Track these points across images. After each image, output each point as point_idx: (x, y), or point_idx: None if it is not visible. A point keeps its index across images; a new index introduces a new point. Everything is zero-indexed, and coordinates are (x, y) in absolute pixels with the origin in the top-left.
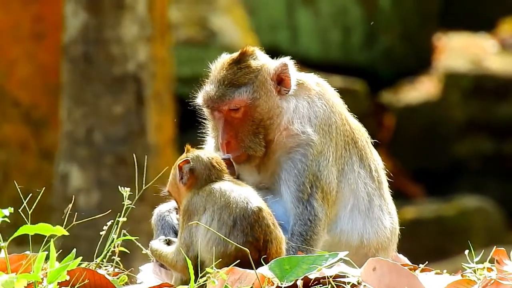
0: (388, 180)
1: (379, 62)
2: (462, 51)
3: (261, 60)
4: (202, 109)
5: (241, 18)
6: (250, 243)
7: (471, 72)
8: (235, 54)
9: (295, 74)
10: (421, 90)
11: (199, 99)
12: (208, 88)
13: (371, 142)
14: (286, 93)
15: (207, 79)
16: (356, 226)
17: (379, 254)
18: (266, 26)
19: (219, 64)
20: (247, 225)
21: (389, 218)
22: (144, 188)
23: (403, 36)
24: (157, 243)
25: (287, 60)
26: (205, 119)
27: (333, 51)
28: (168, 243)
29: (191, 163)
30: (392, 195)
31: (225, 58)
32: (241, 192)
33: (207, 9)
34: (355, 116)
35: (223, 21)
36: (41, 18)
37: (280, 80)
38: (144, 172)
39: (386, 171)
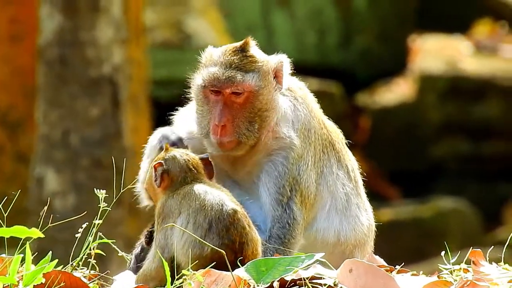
0: (363, 181)
1: (355, 64)
2: (437, 52)
3: (260, 52)
4: (195, 92)
5: (216, 20)
6: (226, 246)
7: (446, 74)
8: (236, 43)
9: (288, 73)
10: (397, 91)
11: (199, 80)
12: (212, 70)
13: (346, 143)
14: (279, 90)
15: (201, 64)
16: (333, 224)
17: (356, 251)
18: (242, 28)
19: (218, 51)
20: (223, 228)
21: (365, 214)
22: (121, 191)
23: (379, 37)
24: (138, 272)
25: (283, 57)
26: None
27: (308, 53)
28: (151, 233)
29: (166, 165)
30: (368, 197)
31: (224, 46)
32: (216, 195)
33: (182, 12)
34: (331, 118)
35: (198, 24)
36: (17, 20)
37: (275, 76)
38: (123, 175)
39: (361, 171)
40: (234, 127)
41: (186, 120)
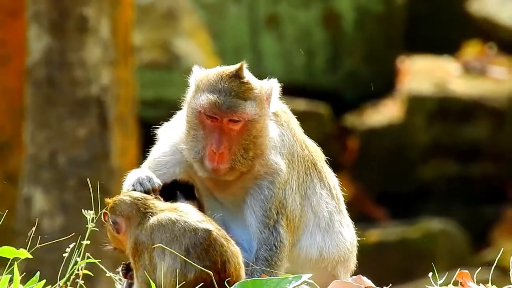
0: (351, 203)
1: (343, 85)
2: (426, 74)
3: (253, 77)
4: (189, 116)
5: (204, 41)
6: (208, 268)
7: (435, 95)
8: (230, 68)
9: (276, 97)
10: (385, 113)
11: (198, 105)
12: (211, 96)
13: (325, 160)
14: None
15: (194, 88)
16: (315, 241)
17: (339, 267)
18: (230, 49)
19: (212, 75)
20: (201, 251)
21: (348, 230)
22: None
23: (367, 59)
24: None
25: (274, 82)
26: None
27: (297, 74)
28: (127, 268)
29: (115, 210)
30: (356, 218)
31: (218, 70)
32: (184, 221)
33: (170, 33)
34: (319, 139)
35: (186, 45)
36: (4, 41)
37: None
38: (96, 196)
39: (341, 187)
40: (231, 154)
41: (171, 136)
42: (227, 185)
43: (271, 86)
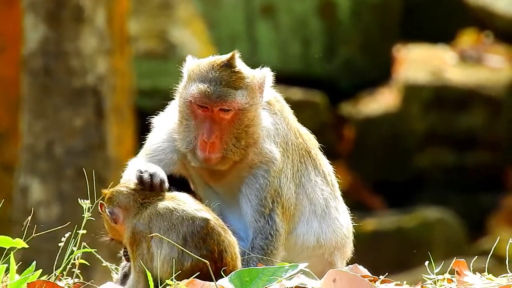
0: (348, 192)
1: (339, 74)
2: (422, 62)
3: (245, 66)
4: (181, 107)
5: (200, 30)
6: (205, 256)
7: (431, 84)
8: (223, 57)
9: (269, 86)
10: (381, 102)
11: (187, 96)
12: (202, 86)
13: (319, 148)
14: (262, 104)
15: (187, 77)
16: (312, 228)
17: (336, 254)
18: (226, 38)
19: (205, 65)
20: (199, 240)
21: (344, 216)
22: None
23: (363, 48)
24: None
25: (267, 70)
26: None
27: (293, 63)
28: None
29: (112, 201)
30: (352, 207)
31: (210, 60)
32: (182, 210)
33: (166, 22)
34: (315, 127)
35: (182, 34)
36: (1, 31)
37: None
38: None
39: (336, 173)
40: (222, 143)
41: (166, 125)
42: (222, 175)
43: (264, 75)
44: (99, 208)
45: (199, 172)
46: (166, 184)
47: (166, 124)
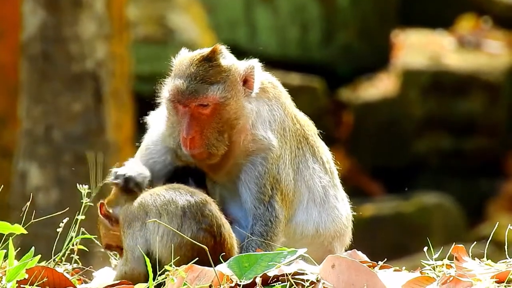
0: (346, 177)
1: (337, 59)
2: (420, 48)
3: (229, 59)
4: (164, 103)
5: (199, 15)
6: (204, 230)
7: (429, 69)
8: (205, 52)
9: (260, 77)
10: (380, 87)
11: (166, 92)
12: (177, 82)
13: (319, 134)
14: (249, 95)
15: (171, 73)
16: (311, 216)
17: (335, 242)
18: (225, 23)
19: (186, 60)
20: (197, 211)
21: (343, 205)
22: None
23: (361, 33)
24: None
25: (255, 62)
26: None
27: (291, 49)
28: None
29: (111, 203)
30: (351, 193)
31: (192, 54)
32: (178, 186)
33: (165, 7)
34: (314, 113)
35: (181, 19)
36: None
37: (245, 81)
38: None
39: (335, 161)
40: (203, 138)
41: (158, 124)
42: (220, 165)
43: (250, 66)
44: (98, 212)
45: (198, 164)
46: (144, 185)
47: (158, 123)
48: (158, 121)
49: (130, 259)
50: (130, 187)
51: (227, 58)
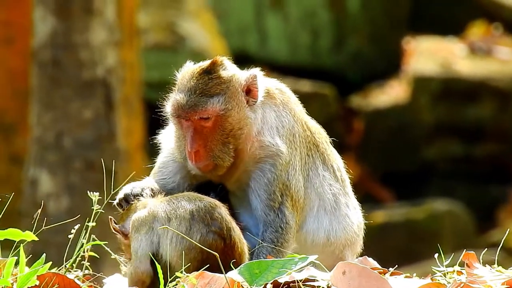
0: (357, 184)
1: (348, 65)
2: (431, 54)
3: (230, 70)
4: (168, 117)
5: (209, 22)
6: (213, 233)
7: (440, 76)
8: (205, 64)
9: (263, 85)
10: (390, 93)
11: (168, 107)
12: (178, 97)
13: (330, 142)
14: (254, 104)
15: (174, 87)
16: (322, 225)
17: (346, 251)
18: (235, 30)
19: (187, 74)
20: (206, 214)
21: (355, 213)
22: (113, 192)
23: (371, 39)
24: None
25: (256, 71)
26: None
27: (301, 55)
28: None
29: (123, 218)
30: (361, 199)
31: (193, 68)
32: (187, 194)
33: (175, 14)
34: (324, 120)
35: (191, 26)
36: (9, 23)
37: (248, 91)
38: (113, 177)
39: (347, 169)
40: (207, 151)
41: (168, 142)
42: (230, 173)
43: (251, 76)
44: (112, 229)
45: (207, 176)
46: (146, 193)
47: (168, 143)
48: (168, 139)
49: (134, 259)
50: (129, 202)
51: (227, 69)
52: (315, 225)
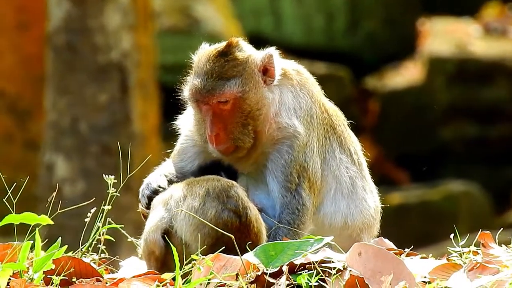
0: (373, 165)
1: (363, 47)
2: (446, 35)
3: (246, 51)
4: (187, 102)
5: (224, 5)
6: (229, 210)
7: (455, 57)
8: (220, 46)
9: (280, 64)
10: (405, 75)
11: (186, 92)
12: (195, 81)
13: (348, 125)
14: (271, 83)
15: (191, 71)
16: (339, 208)
17: (363, 234)
18: (250, 13)
19: (203, 57)
20: (222, 191)
21: (372, 197)
22: (128, 176)
23: (386, 21)
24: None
25: (272, 50)
26: (185, 106)
27: (316, 37)
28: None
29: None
30: (377, 181)
31: (209, 50)
32: (206, 176)
33: None
34: (340, 102)
35: (206, 9)
36: (24, 8)
37: (265, 71)
38: (129, 161)
39: (364, 152)
40: (228, 133)
41: (187, 126)
42: (247, 156)
43: (267, 55)
44: (140, 212)
45: (226, 159)
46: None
47: (186, 127)
48: (186, 124)
49: (144, 230)
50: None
51: (243, 50)
52: (332, 208)
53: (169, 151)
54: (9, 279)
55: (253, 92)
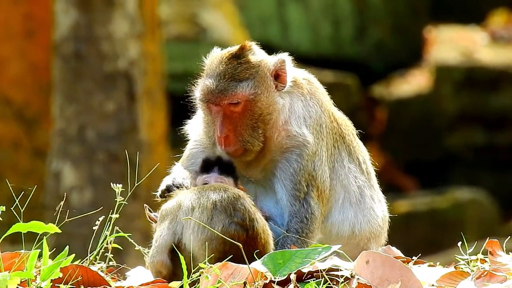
0: (380, 173)
1: (370, 55)
2: (453, 43)
3: (259, 55)
4: (197, 103)
5: (231, 13)
6: (236, 224)
7: (462, 65)
8: (234, 49)
9: (291, 71)
10: (413, 83)
11: (198, 93)
12: (207, 82)
13: (357, 134)
14: (282, 89)
15: (202, 73)
16: (347, 217)
17: (370, 243)
18: (257, 20)
19: (216, 59)
20: (228, 205)
21: (380, 206)
22: (136, 184)
23: (393, 29)
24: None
25: (285, 56)
26: (194, 113)
27: (323, 45)
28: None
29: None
30: (385, 189)
31: (222, 53)
32: (214, 185)
33: (197, 5)
34: (347, 109)
35: (213, 17)
36: (31, 16)
37: (277, 76)
38: (136, 169)
39: (373, 161)
40: (237, 136)
41: (196, 130)
42: (256, 163)
43: (279, 60)
44: (147, 217)
45: (235, 163)
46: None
47: (196, 131)
48: (195, 129)
49: (152, 249)
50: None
51: (256, 54)
52: (340, 217)
53: (177, 156)
54: (17, 287)
55: (265, 95)
